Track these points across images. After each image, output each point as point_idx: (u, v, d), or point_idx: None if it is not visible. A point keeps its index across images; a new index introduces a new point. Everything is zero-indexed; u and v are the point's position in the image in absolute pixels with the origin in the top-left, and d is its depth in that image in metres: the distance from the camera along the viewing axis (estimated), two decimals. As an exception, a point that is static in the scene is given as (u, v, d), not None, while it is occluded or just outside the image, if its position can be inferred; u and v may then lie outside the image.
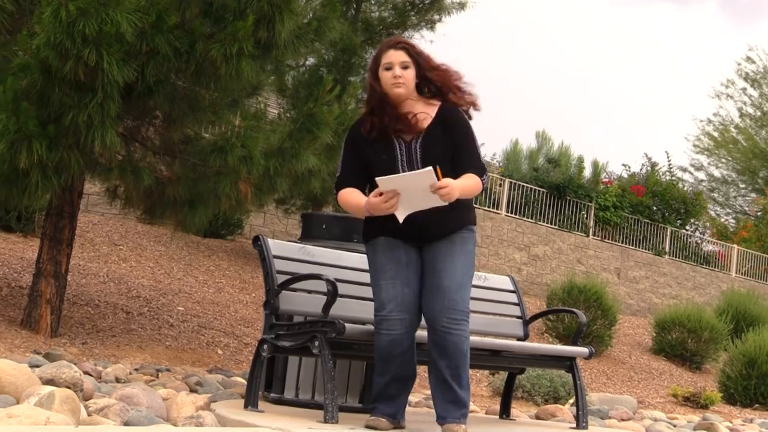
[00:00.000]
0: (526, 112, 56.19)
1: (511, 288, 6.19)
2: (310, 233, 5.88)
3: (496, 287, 6.11)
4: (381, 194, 4.30)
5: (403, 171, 4.39)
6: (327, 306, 4.69)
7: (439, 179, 4.22)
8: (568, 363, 5.75)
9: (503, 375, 8.80)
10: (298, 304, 5.05)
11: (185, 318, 9.66)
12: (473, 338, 4.92)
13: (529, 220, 21.12)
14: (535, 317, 6.22)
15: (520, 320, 6.13)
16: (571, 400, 9.08)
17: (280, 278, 4.95)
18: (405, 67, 4.45)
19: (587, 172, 24.92)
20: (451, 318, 4.35)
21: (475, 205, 19.44)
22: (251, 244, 5.16)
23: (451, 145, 4.48)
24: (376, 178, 4.29)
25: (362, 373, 5.57)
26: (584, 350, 5.72)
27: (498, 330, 6.03)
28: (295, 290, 5.04)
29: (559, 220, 22.08)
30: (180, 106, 7.79)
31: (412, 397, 7.30)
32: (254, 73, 7.28)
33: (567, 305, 14.71)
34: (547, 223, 21.67)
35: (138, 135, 8.23)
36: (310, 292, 5.08)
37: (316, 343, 4.57)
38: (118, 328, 8.60)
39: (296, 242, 5.48)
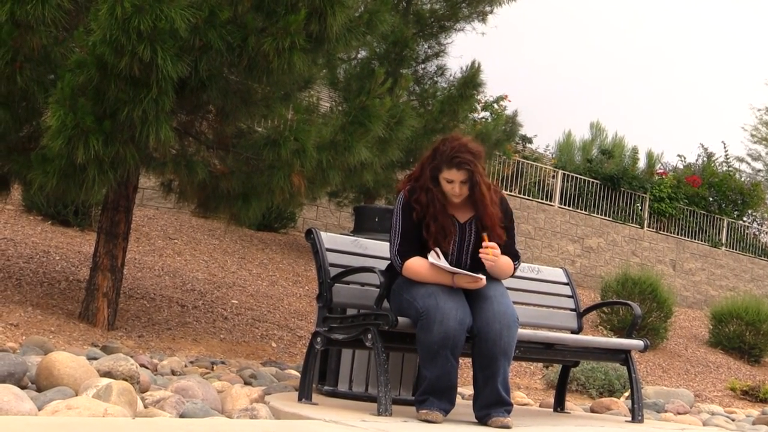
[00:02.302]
0: (580, 103, 55.72)
1: (565, 280, 6.15)
2: (362, 226, 5.91)
3: (549, 279, 6.08)
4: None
5: (455, 247, 4.76)
6: (379, 299, 4.69)
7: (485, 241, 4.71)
8: (622, 356, 5.70)
9: (557, 368, 8.75)
10: (350, 297, 5.08)
11: (239, 311, 9.69)
12: (526, 331, 4.97)
13: (583, 212, 20.94)
14: (588, 309, 6.18)
15: (574, 313, 6.08)
16: (626, 393, 8.99)
17: (333, 271, 4.98)
18: (464, 183, 4.69)
19: (641, 163, 24.64)
20: (503, 323, 4.48)
21: (528, 198, 19.36)
22: (304, 237, 5.18)
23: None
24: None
25: (415, 366, 5.57)
26: (639, 343, 5.66)
27: (551, 322, 6.00)
28: (347, 283, 5.07)
29: (613, 212, 21.87)
30: (233, 100, 7.83)
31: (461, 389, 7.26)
32: (306, 66, 7.31)
33: (621, 297, 14.57)
34: (601, 214, 21.47)
35: (192, 129, 8.28)
36: (362, 285, 5.09)
37: (369, 336, 4.56)
38: (174, 321, 8.66)
39: (349, 235, 5.50)
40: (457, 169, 4.67)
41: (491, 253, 4.60)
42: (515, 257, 4.87)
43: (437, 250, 4.62)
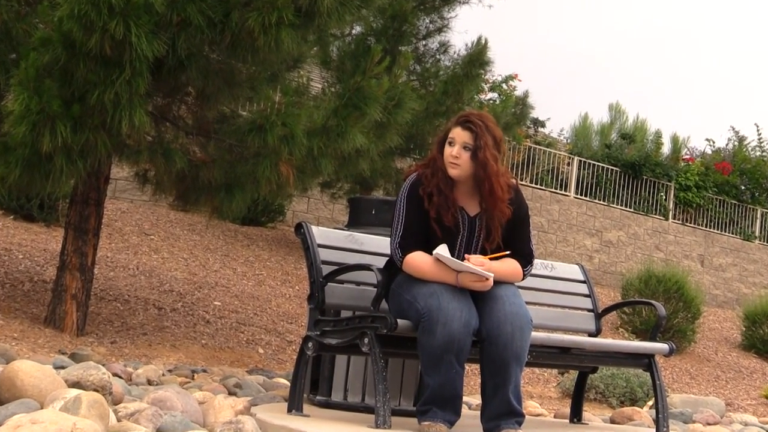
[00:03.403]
0: (598, 83, 55.71)
1: (581, 278, 6.13)
2: (358, 219, 5.90)
3: (564, 277, 6.05)
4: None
5: (463, 242, 4.72)
6: (377, 299, 4.69)
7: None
8: (646, 361, 5.69)
9: (573, 374, 8.76)
10: (345, 298, 5.07)
11: (222, 314, 9.70)
12: (539, 334, 4.94)
13: (601, 202, 20.95)
14: (608, 310, 6.16)
15: (592, 313, 6.06)
16: (650, 402, 9.01)
17: (326, 269, 4.96)
18: (466, 148, 4.63)
19: (666, 149, 24.63)
20: (515, 325, 4.47)
21: (541, 187, 19.36)
22: (294, 232, 5.23)
23: (510, 222, 4.76)
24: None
25: (417, 373, 5.56)
26: (664, 346, 5.65)
27: (567, 324, 5.98)
28: (342, 282, 5.04)
29: (635, 202, 21.87)
30: (214, 82, 7.82)
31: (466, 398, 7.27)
32: (295, 44, 7.28)
33: (644, 296, 14.58)
34: (621, 205, 21.48)
35: (169, 114, 8.27)
36: (358, 284, 5.07)
37: (366, 340, 4.56)
38: (150, 326, 8.67)
39: (343, 229, 5.50)
40: (462, 128, 4.67)
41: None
42: (528, 258, 4.82)
43: (445, 245, 4.62)
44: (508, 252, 4.68)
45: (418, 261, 4.62)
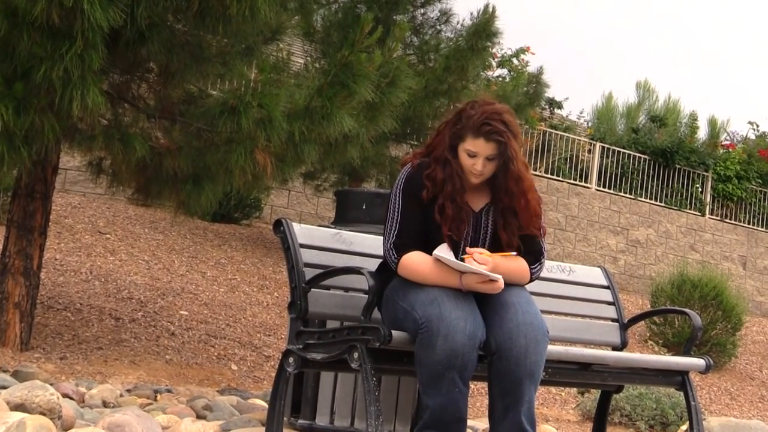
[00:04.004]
0: (623, 58, 55.72)
1: (604, 282, 6.10)
2: (346, 215, 5.92)
3: (584, 282, 6.02)
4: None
5: (468, 241, 4.75)
6: (368, 307, 4.67)
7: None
8: (679, 379, 5.67)
9: (595, 394, 8.70)
10: (332, 306, 5.05)
11: (190, 325, 9.71)
12: (556, 348, 4.96)
13: (627, 195, 20.95)
14: (635, 320, 6.17)
15: (616, 324, 6.04)
16: (684, 427, 8.99)
17: (309, 273, 4.94)
18: (491, 160, 4.65)
19: (702, 133, 24.61)
20: (529, 336, 4.49)
21: (558, 178, 19.32)
22: (272, 231, 5.15)
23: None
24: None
25: (414, 393, 5.55)
26: (700, 362, 5.63)
27: (587, 336, 5.97)
28: (328, 288, 5.03)
29: (666, 196, 21.87)
30: (180, 57, 7.81)
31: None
32: (273, 12, 7.32)
33: (677, 304, 14.59)
34: (651, 199, 21.48)
35: (127, 93, 8.26)
36: (346, 290, 5.07)
37: (356, 355, 4.54)
38: (106, 339, 8.66)
39: (329, 227, 5.49)
40: (485, 140, 4.64)
41: (479, 260, 4.59)
42: (537, 256, 4.83)
43: (447, 243, 4.64)
44: (514, 252, 4.70)
45: (415, 263, 4.63)
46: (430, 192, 4.68)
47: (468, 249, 4.60)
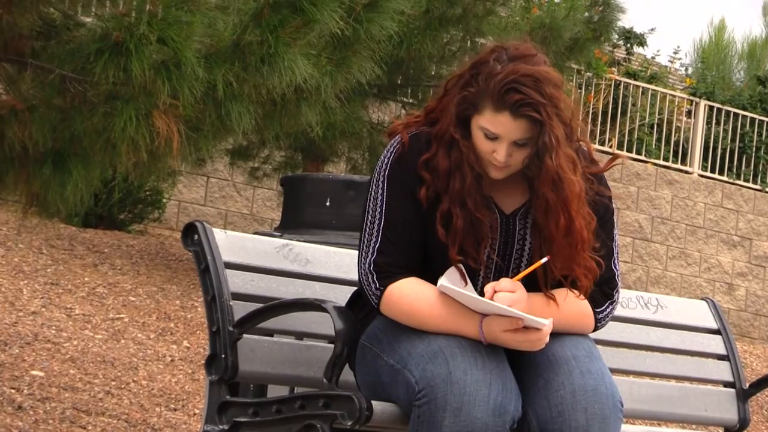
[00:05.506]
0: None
1: (713, 325, 5.22)
2: (299, 217, 5.65)
3: (680, 323, 5.18)
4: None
5: (493, 263, 3.97)
6: (335, 364, 3.90)
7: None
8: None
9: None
10: (276, 362, 4.30)
11: (47, 393, 8.46)
12: (638, 428, 4.48)
13: (751, 185, 17.87)
14: (761, 384, 5.22)
15: (732, 390, 5.17)
16: None
17: (240, 309, 4.17)
18: (521, 145, 3.82)
19: None
20: (592, 411, 3.76)
21: (639, 157, 16.79)
22: (180, 241, 4.45)
23: None
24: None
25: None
26: None
27: (685, 410, 5.10)
28: (269, 334, 4.33)
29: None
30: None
31: None
32: None
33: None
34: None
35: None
36: (299, 336, 4.39)
37: (316, 440, 3.95)
38: None
39: (272, 235, 5.17)
40: (512, 115, 3.69)
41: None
42: (607, 289, 3.97)
43: (461, 268, 3.79)
44: (546, 258, 3.87)
45: (408, 296, 3.87)
46: (430, 188, 3.88)
47: (488, 288, 3.78)
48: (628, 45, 19.08)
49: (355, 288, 4.09)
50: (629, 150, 16.46)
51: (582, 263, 3.88)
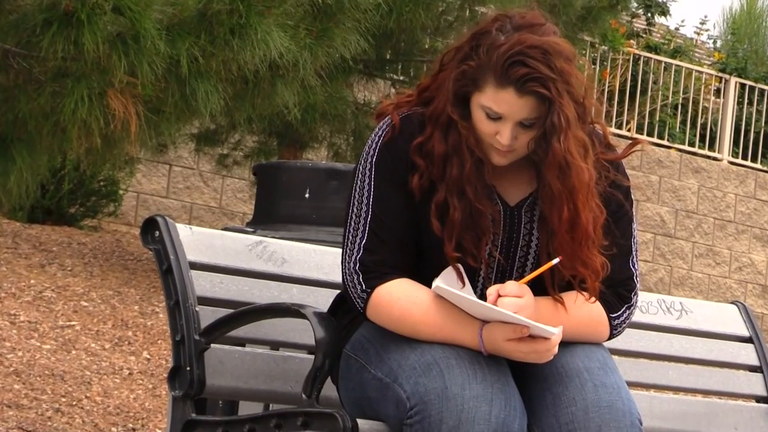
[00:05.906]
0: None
1: (744, 332, 4.98)
2: (274, 210, 5.57)
3: (707, 330, 4.94)
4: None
5: (494, 262, 3.82)
6: (315, 378, 3.71)
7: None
8: None
9: None
10: (248, 376, 4.11)
11: None
12: None
13: None
14: None
15: (765, 405, 4.93)
16: None
17: (208, 315, 4.00)
18: (527, 127, 3.63)
19: None
20: (608, 428, 3.58)
21: (661, 141, 16.00)
22: (139, 238, 4.24)
23: None
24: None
25: None
26: None
27: (715, 427, 4.82)
28: (241, 343, 4.21)
29: None
30: None
31: None
32: None
33: None
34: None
35: None
36: (274, 346, 4.30)
37: (291, 464, 3.89)
38: None
39: (244, 231, 5.18)
40: (517, 91, 3.49)
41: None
42: (622, 293, 3.78)
43: (459, 267, 3.61)
44: (558, 258, 3.67)
45: (399, 300, 3.71)
46: (424, 176, 3.69)
47: (491, 291, 3.61)
48: (649, 14, 18.27)
49: (339, 291, 3.89)
50: (650, 134, 15.77)
51: (587, 262, 3.68)
